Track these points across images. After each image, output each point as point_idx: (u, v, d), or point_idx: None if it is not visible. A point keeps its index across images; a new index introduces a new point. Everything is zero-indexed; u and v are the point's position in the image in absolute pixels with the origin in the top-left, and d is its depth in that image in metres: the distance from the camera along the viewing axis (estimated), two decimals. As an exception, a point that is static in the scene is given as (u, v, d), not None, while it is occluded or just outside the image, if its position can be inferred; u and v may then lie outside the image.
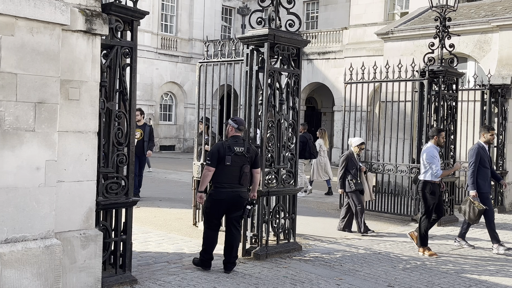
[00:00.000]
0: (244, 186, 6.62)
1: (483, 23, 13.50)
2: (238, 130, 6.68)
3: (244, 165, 6.55)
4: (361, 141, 9.80)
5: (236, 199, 6.55)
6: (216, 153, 6.50)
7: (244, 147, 6.57)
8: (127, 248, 5.91)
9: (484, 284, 6.65)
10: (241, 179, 6.55)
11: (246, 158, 6.58)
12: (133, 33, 5.82)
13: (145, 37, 28.39)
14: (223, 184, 6.50)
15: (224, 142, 6.67)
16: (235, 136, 6.65)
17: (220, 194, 6.52)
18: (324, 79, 26.37)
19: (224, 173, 6.49)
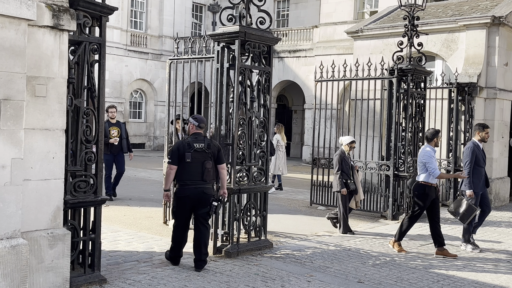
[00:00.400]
0: (208, 183, 6.65)
1: (451, 22, 13.72)
2: (198, 128, 6.75)
3: (206, 161, 6.61)
4: (351, 140, 9.64)
5: (201, 195, 6.58)
6: (176, 151, 6.60)
7: (204, 144, 6.64)
8: (96, 247, 5.83)
9: (452, 279, 6.77)
10: (204, 175, 6.59)
11: (207, 154, 6.63)
12: (102, 29, 5.73)
13: (114, 34, 28.03)
14: (186, 181, 6.57)
15: (184, 140, 6.77)
16: (195, 133, 6.73)
17: (184, 191, 6.58)
18: (295, 77, 26.47)
19: (186, 170, 6.56)
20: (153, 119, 30.83)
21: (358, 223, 10.37)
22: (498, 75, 13.28)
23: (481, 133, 8.55)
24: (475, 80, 12.89)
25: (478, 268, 7.33)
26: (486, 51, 13.22)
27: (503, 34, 13.32)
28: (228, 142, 7.37)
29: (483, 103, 13.30)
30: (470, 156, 8.30)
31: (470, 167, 8.26)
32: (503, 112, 13.75)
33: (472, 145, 8.43)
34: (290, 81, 27.04)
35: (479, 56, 13.23)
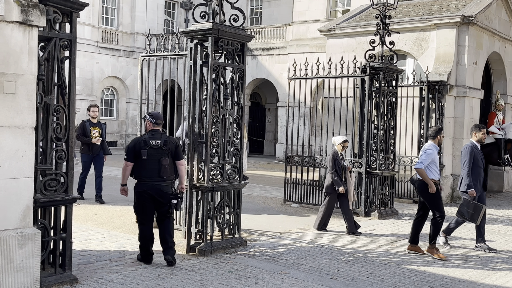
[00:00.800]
0: (165, 180, 6.68)
1: (422, 21, 13.90)
2: (155, 125, 6.80)
3: (162, 157, 6.66)
4: (343, 139, 9.52)
5: (158, 192, 6.64)
6: (132, 148, 6.68)
7: (160, 140, 6.68)
8: (67, 247, 5.73)
9: (423, 274, 6.86)
10: (161, 172, 6.63)
11: (163, 151, 6.68)
12: (72, 25, 5.63)
13: (85, 30, 27.66)
14: (143, 178, 6.65)
15: (141, 137, 6.86)
16: (152, 130, 6.78)
17: (141, 186, 6.65)
18: (268, 75, 26.51)
19: (143, 167, 6.63)
20: (125, 117, 30.52)
21: (332, 220, 10.42)
22: (467, 74, 13.50)
23: (477, 133, 8.50)
24: (445, 79, 13.09)
25: (448, 264, 7.45)
26: (456, 50, 13.43)
27: (473, 33, 13.56)
28: (201, 140, 7.34)
29: (453, 101, 13.51)
30: (468, 156, 8.25)
31: (469, 167, 8.22)
32: (473, 110, 13.99)
33: (471, 145, 8.36)
34: (264, 79, 27.07)
35: (449, 55, 13.44)
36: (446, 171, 13.42)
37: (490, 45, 14.58)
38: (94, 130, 11.37)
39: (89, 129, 11.28)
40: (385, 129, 11.08)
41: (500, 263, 7.65)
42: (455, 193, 13.54)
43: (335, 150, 9.39)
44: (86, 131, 11.28)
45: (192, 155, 7.37)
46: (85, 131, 11.28)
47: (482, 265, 7.44)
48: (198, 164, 7.35)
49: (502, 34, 14.98)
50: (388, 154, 11.23)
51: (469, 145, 8.40)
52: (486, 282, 6.67)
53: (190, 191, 7.35)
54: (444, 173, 13.24)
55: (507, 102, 15.68)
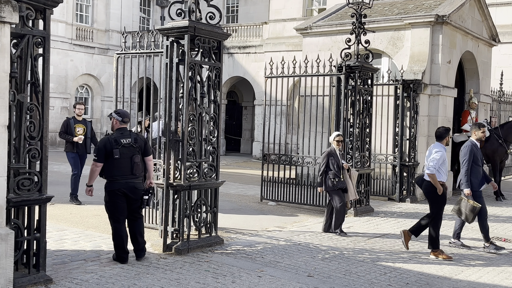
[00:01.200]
0: (138, 177, 6.76)
1: (396, 20, 14.03)
2: (122, 123, 6.82)
3: (134, 155, 6.72)
4: (336, 134, 9.39)
5: (132, 190, 6.69)
6: (103, 149, 6.63)
7: (131, 138, 6.72)
8: (41, 247, 5.65)
9: (398, 271, 6.94)
10: (133, 170, 6.70)
11: (135, 148, 6.74)
12: (46, 22, 5.55)
13: (58, 27, 27.29)
14: (116, 177, 6.64)
15: (110, 136, 6.77)
16: (120, 129, 6.80)
17: (115, 185, 6.65)
18: (245, 73, 26.50)
19: (115, 166, 6.61)
20: (99, 115, 30.20)
21: (308, 218, 10.49)
22: (441, 73, 13.68)
23: (477, 132, 8.51)
24: (419, 77, 13.24)
25: (423, 260, 7.54)
26: (430, 49, 13.60)
27: (446, 33, 13.74)
28: (178, 138, 7.30)
29: (427, 99, 13.68)
30: (468, 154, 8.24)
31: (468, 166, 8.22)
32: (446, 108, 14.19)
33: (470, 144, 8.36)
34: (240, 77, 27.05)
35: (423, 54, 13.60)
36: (420, 169, 13.56)
37: (463, 44, 14.80)
38: (79, 128, 11.05)
39: (73, 127, 10.99)
40: (361, 127, 11.17)
41: (473, 259, 7.78)
42: (429, 190, 13.71)
43: (332, 147, 9.23)
44: (69, 128, 10.99)
45: (169, 154, 7.32)
46: (69, 129, 10.99)
47: (455, 261, 7.56)
48: (175, 162, 7.31)
49: (475, 33, 15.21)
50: (364, 152, 11.32)
51: (469, 144, 8.36)
52: (460, 278, 6.78)
53: (167, 190, 7.30)
54: (418, 171, 13.40)
55: (480, 101, 15.93)
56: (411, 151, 13.33)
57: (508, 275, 6.95)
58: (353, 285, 6.22)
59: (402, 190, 13.23)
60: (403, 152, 13.23)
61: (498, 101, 18.81)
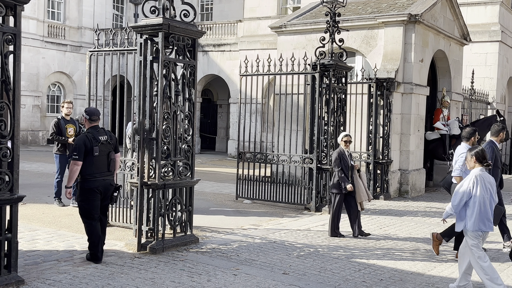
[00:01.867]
0: (112, 173, 6.91)
1: (370, 19, 14.16)
2: (91, 121, 6.85)
3: (110, 152, 6.85)
4: (344, 134, 9.08)
5: (107, 187, 6.81)
6: (83, 147, 6.61)
7: (106, 135, 6.84)
8: (12, 247, 5.55)
9: (373, 267, 7.01)
10: (110, 166, 6.83)
11: (110, 145, 6.85)
12: (17, 18, 5.44)
13: (30, 24, 26.81)
14: (94, 174, 6.66)
15: (87, 134, 6.76)
16: (94, 127, 6.85)
17: (93, 183, 6.65)
18: (220, 71, 26.43)
19: (94, 164, 6.66)
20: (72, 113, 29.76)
21: (283, 216, 10.51)
22: (414, 71, 13.86)
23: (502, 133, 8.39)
24: (393, 76, 13.39)
25: (396, 257, 7.64)
26: (403, 47, 13.76)
27: (419, 32, 13.92)
28: (152, 137, 7.24)
29: (400, 97, 13.84)
30: (490, 154, 8.02)
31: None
32: (419, 107, 14.38)
33: (492, 145, 8.25)
34: (215, 75, 26.97)
35: (396, 53, 13.75)
36: (394, 167, 13.75)
37: (435, 43, 15.01)
38: (70, 128, 10.50)
39: (64, 127, 10.44)
40: (335, 125, 11.24)
41: (446, 255, 7.90)
42: (402, 187, 13.90)
43: (341, 148, 8.95)
44: (61, 130, 10.41)
45: (143, 152, 7.26)
46: (61, 130, 10.41)
47: (428, 258, 7.67)
48: (149, 161, 7.25)
49: (447, 32, 15.44)
50: (338, 150, 11.37)
51: (491, 145, 8.22)
52: (433, 273, 6.88)
53: (141, 188, 7.25)
54: (392, 168, 13.57)
55: (452, 99, 16.18)
56: (384, 149, 13.47)
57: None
58: (328, 282, 6.26)
59: (376, 188, 13.37)
60: (377, 150, 13.37)
61: (469, 99, 19.12)
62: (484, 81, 20.84)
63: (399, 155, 14.03)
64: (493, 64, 20.72)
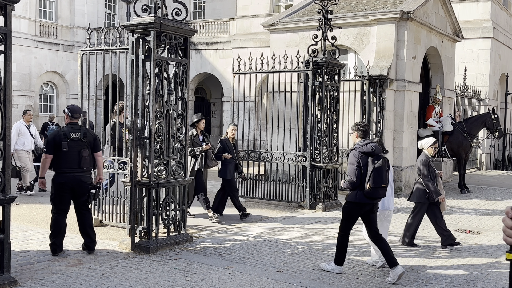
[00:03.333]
0: (85, 171, 6.91)
1: (362, 16, 14.17)
2: (72, 118, 6.97)
3: (82, 149, 6.88)
4: (433, 141, 8.34)
5: (78, 183, 6.85)
6: (52, 141, 6.82)
7: (80, 133, 6.88)
8: (5, 248, 5.53)
9: (366, 264, 7.03)
10: (81, 163, 6.86)
11: (83, 142, 6.88)
12: (7, 18, 5.42)
13: (21, 24, 26.66)
14: (63, 169, 6.80)
15: (60, 130, 6.98)
16: (71, 123, 6.94)
17: (62, 178, 6.81)
18: (213, 69, 26.38)
19: (63, 159, 6.79)
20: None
21: (277, 213, 10.52)
22: (407, 68, 13.89)
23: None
24: (385, 73, 13.41)
25: (390, 253, 7.64)
26: (396, 44, 13.78)
27: (411, 29, 13.94)
28: (145, 136, 7.22)
29: (393, 94, 13.87)
30: None
31: None
32: (412, 103, 14.41)
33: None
34: (208, 74, 26.92)
35: (389, 50, 13.77)
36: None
37: (428, 40, 15.04)
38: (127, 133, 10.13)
39: (121, 132, 9.79)
40: (328, 122, 11.25)
41: (439, 251, 7.93)
42: (395, 184, 13.93)
43: (426, 154, 8.20)
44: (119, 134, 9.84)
45: (136, 151, 7.24)
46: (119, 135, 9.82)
47: (422, 254, 7.70)
48: (142, 160, 7.24)
49: (439, 29, 15.48)
50: (332, 147, 11.41)
51: None
52: (426, 270, 6.89)
53: (134, 188, 7.23)
54: (386, 165, 13.58)
55: (444, 96, 16.24)
56: (378, 146, 13.47)
57: (472, 266, 7.11)
58: (322, 280, 6.27)
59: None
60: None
61: (462, 95, 19.20)
62: (477, 77, 20.92)
63: (393, 152, 14.06)
64: (485, 61, 20.80)
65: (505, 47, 22.65)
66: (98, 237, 7.82)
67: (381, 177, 6.30)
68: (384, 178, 6.34)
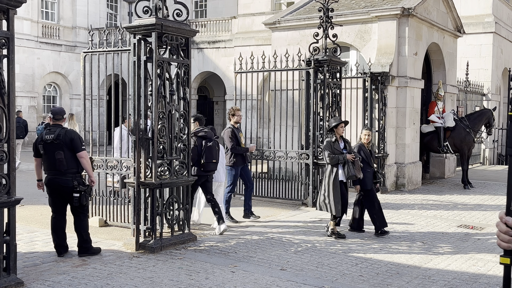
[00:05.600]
0: (63, 173, 6.81)
1: (363, 13, 14.17)
2: (54, 120, 7.02)
3: (56, 151, 6.77)
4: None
5: (57, 186, 6.85)
6: (34, 144, 6.98)
7: (53, 135, 6.81)
8: (11, 250, 5.59)
9: (369, 261, 7.06)
10: (56, 165, 6.78)
11: (56, 144, 6.80)
12: (9, 22, 5.46)
13: (24, 25, 26.76)
14: (46, 171, 6.95)
15: (42, 133, 7.03)
16: (52, 125, 7.00)
17: (45, 180, 6.95)
18: (215, 68, 26.44)
19: (44, 161, 6.92)
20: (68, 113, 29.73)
21: (280, 211, 10.57)
22: (408, 64, 13.89)
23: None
24: (387, 70, 13.42)
25: (393, 250, 7.69)
26: (397, 41, 13.78)
27: (412, 25, 13.94)
28: (148, 136, 7.27)
29: (395, 91, 13.88)
30: None
31: None
32: (414, 100, 14.42)
33: None
34: (211, 72, 26.98)
35: (390, 46, 13.78)
36: (390, 160, 13.79)
37: (429, 36, 15.04)
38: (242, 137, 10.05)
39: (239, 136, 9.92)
40: (332, 120, 11.25)
41: (442, 247, 7.96)
42: (398, 181, 13.96)
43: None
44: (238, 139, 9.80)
45: (139, 152, 7.30)
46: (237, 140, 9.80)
47: (425, 250, 7.73)
48: (145, 161, 7.29)
49: (440, 25, 15.47)
50: (334, 145, 11.41)
51: None
52: (429, 266, 6.93)
53: (138, 188, 7.28)
54: (388, 162, 13.62)
55: (446, 91, 16.23)
56: (380, 143, 13.52)
57: (475, 262, 7.14)
58: (325, 277, 6.31)
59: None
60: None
61: (464, 91, 19.18)
62: (479, 72, 20.90)
63: (395, 148, 14.09)
64: (487, 56, 20.78)
65: (507, 41, 22.61)
66: (103, 237, 7.91)
67: (212, 154, 8.32)
68: (214, 155, 8.35)
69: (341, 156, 8.29)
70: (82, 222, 7.00)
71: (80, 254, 6.90)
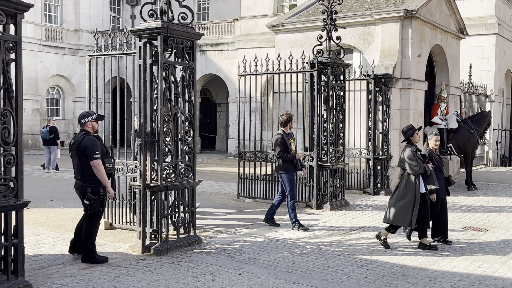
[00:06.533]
0: (80, 179, 6.89)
1: (367, 15, 14.21)
2: (80, 125, 7.09)
3: (73, 158, 6.90)
4: None
5: (76, 191, 6.99)
6: None
7: (74, 140, 6.94)
8: (19, 253, 5.61)
9: (375, 263, 7.08)
10: (75, 172, 6.96)
11: (74, 151, 6.90)
12: (17, 26, 5.51)
13: (27, 28, 26.84)
14: None
15: None
16: (80, 130, 7.04)
17: None
18: (218, 70, 26.48)
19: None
20: (72, 116, 29.82)
21: (286, 214, 10.57)
22: (412, 66, 13.92)
23: None
24: (390, 72, 13.44)
25: (399, 252, 7.70)
26: (400, 43, 13.81)
27: (416, 27, 13.97)
28: (153, 139, 7.30)
29: (398, 93, 13.90)
30: None
31: None
32: (417, 102, 14.44)
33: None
34: (213, 75, 27.02)
35: (394, 48, 13.81)
36: (394, 162, 13.79)
37: (432, 38, 15.06)
38: (292, 143, 9.62)
39: (289, 143, 9.47)
40: (334, 122, 11.30)
41: (447, 249, 7.97)
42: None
43: None
44: (287, 145, 9.39)
45: (145, 155, 7.33)
46: (287, 146, 9.40)
47: (430, 252, 7.73)
48: (151, 163, 7.32)
49: (443, 27, 15.50)
50: (338, 147, 11.46)
51: None
52: (435, 268, 6.95)
53: (144, 191, 7.31)
54: (392, 164, 13.63)
55: (450, 93, 16.25)
56: (384, 145, 13.54)
57: (481, 264, 7.15)
58: (331, 279, 6.33)
59: (377, 183, 13.44)
60: (376, 145, 13.43)
61: (467, 92, 19.19)
62: (482, 74, 20.91)
63: (399, 150, 14.07)
64: (490, 57, 20.79)
65: (510, 43, 22.61)
66: (109, 240, 7.95)
67: None
68: None
69: (426, 165, 7.83)
70: (86, 230, 6.89)
71: (82, 261, 6.81)
